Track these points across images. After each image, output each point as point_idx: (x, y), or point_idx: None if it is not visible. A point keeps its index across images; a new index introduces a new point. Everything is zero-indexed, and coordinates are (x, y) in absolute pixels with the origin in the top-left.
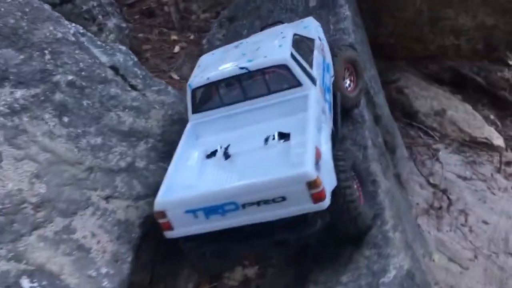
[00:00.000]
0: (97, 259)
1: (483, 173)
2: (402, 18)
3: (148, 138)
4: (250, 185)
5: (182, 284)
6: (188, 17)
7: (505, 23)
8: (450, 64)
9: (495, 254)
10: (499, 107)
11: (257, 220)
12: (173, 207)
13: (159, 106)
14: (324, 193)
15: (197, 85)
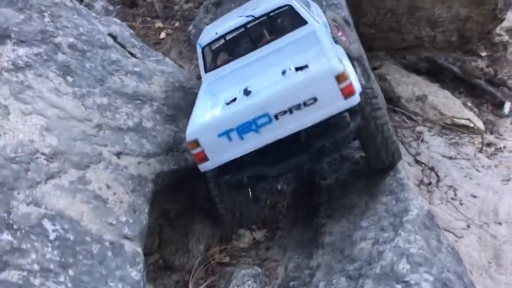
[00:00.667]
0: (115, 209)
1: (466, 153)
2: (382, 7)
3: (153, 101)
4: (280, 91)
5: (193, 246)
6: (172, 7)
7: (478, 15)
8: (427, 54)
9: (486, 224)
10: (475, 94)
11: (293, 129)
12: (206, 133)
13: (160, 73)
14: (353, 87)
15: (207, 42)
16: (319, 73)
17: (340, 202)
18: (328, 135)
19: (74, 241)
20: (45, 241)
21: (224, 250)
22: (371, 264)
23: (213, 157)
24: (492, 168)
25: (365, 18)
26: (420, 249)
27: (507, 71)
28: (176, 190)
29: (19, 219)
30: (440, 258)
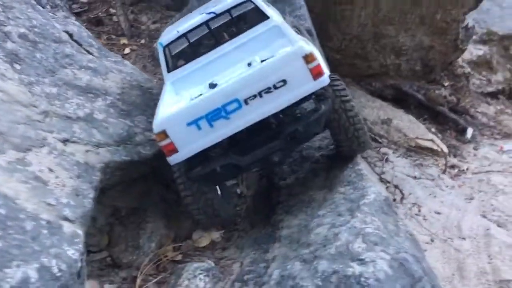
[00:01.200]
0: (55, 191)
1: (430, 173)
2: (348, 32)
3: (107, 96)
4: (248, 75)
5: (143, 243)
6: (138, 26)
7: (441, 44)
8: (392, 82)
9: (450, 239)
10: (439, 121)
11: (264, 113)
12: (174, 122)
13: (117, 72)
14: (322, 68)
15: (168, 41)
16: (287, 54)
17: (299, 198)
18: (300, 118)
19: (5, 216)
20: None
21: (177, 249)
22: (326, 246)
23: (183, 147)
24: (455, 188)
25: (331, 43)
26: (377, 229)
27: (469, 101)
28: (129, 187)
29: None
30: (397, 240)
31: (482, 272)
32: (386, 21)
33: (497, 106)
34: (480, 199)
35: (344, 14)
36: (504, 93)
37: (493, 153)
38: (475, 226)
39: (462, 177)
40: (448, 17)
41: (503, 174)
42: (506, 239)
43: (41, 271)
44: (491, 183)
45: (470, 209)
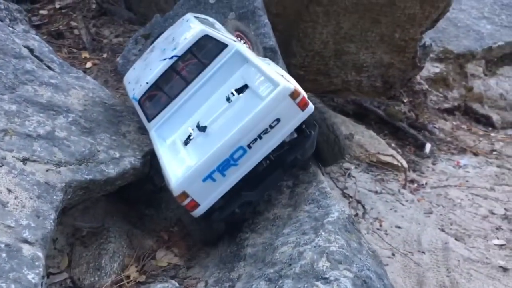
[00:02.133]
0: (15, 212)
1: (391, 188)
2: (310, 49)
3: (68, 113)
4: (247, 123)
5: (106, 264)
6: (100, 40)
7: (400, 62)
8: (354, 98)
9: (410, 253)
10: (398, 137)
11: (266, 152)
12: (191, 182)
13: (79, 88)
14: (306, 98)
15: (140, 94)
16: (275, 96)
17: (264, 216)
18: (297, 147)
19: None
20: None
21: (141, 270)
22: (291, 265)
23: (203, 200)
24: (415, 202)
25: (295, 59)
26: (340, 248)
27: (427, 117)
28: (91, 207)
29: None
30: (360, 258)
31: (441, 285)
32: (347, 39)
33: (453, 122)
34: (438, 213)
35: (307, 32)
36: (460, 109)
37: (450, 168)
38: (434, 240)
39: (421, 192)
40: (406, 35)
41: (459, 188)
42: (463, 253)
43: None
44: (449, 197)
45: (429, 223)
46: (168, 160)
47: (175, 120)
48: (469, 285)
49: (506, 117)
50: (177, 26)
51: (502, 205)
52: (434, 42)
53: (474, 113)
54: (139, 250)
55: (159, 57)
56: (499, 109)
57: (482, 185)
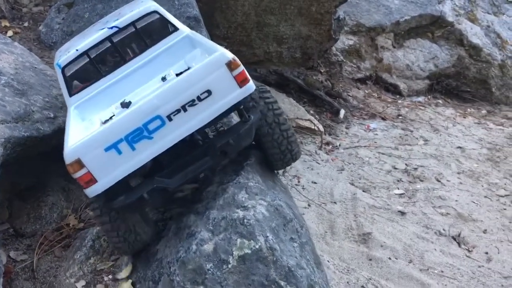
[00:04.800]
0: None
1: (308, 150)
2: (233, 21)
3: (2, 76)
4: (169, 88)
5: (46, 214)
6: (20, 9)
7: (317, 34)
8: (275, 68)
9: (324, 203)
10: (316, 104)
11: (190, 129)
12: (89, 149)
13: (8, 53)
14: (246, 74)
15: (67, 61)
16: (209, 62)
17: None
18: (230, 131)
19: None
20: None
21: (79, 219)
22: (216, 199)
23: (103, 176)
24: (329, 162)
25: (218, 31)
26: (257, 183)
27: (342, 85)
28: (28, 164)
29: None
30: (273, 192)
31: (349, 228)
32: (268, 11)
33: (365, 90)
34: (349, 170)
35: (229, 4)
36: (371, 79)
37: (362, 131)
38: (344, 192)
39: (335, 152)
40: (322, 9)
41: (368, 148)
42: (369, 201)
43: None
44: (359, 156)
45: (341, 179)
46: (72, 131)
47: (100, 100)
48: (372, 227)
49: (411, 86)
50: (131, 5)
51: (403, 161)
52: (348, 16)
53: (384, 82)
54: (75, 203)
55: (98, 28)
56: (406, 78)
57: (387, 145)
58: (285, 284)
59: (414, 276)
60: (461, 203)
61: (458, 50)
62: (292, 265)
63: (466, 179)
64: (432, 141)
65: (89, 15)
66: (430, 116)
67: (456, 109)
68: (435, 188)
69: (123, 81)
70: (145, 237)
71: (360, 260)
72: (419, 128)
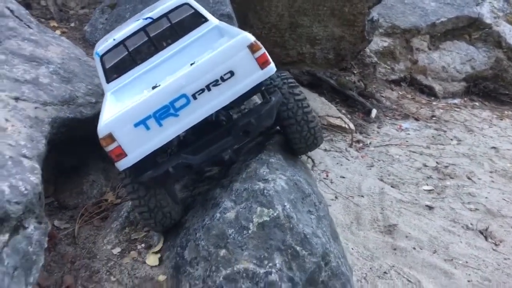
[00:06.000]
0: (14, 136)
1: (339, 147)
2: (267, 22)
3: (49, 64)
4: (194, 69)
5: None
6: (67, 11)
7: (350, 35)
8: (308, 69)
9: (351, 196)
10: (348, 104)
11: (214, 107)
12: (120, 124)
13: (56, 45)
14: (268, 56)
15: (105, 50)
16: (231, 44)
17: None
18: (252, 111)
19: None
20: None
21: (116, 195)
22: (239, 173)
23: (132, 151)
24: (359, 158)
25: (252, 31)
26: (278, 160)
27: (375, 87)
28: (71, 147)
29: None
30: (294, 169)
31: (375, 219)
32: (301, 12)
33: (399, 92)
34: (379, 166)
35: (263, 4)
36: (405, 81)
37: (393, 131)
38: (372, 187)
39: (366, 150)
40: (355, 10)
41: (399, 147)
42: (396, 196)
43: (11, 188)
44: (389, 154)
45: (369, 174)
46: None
47: (134, 86)
48: (398, 219)
49: (447, 88)
50: None
51: (434, 159)
52: (383, 18)
53: (418, 84)
54: (114, 182)
55: (135, 20)
56: (441, 80)
57: (419, 144)
58: (301, 249)
59: (437, 265)
60: (491, 200)
61: (496, 52)
62: (307, 233)
63: (498, 178)
64: (465, 141)
65: (130, 15)
66: (465, 118)
67: (493, 111)
68: (465, 185)
69: (156, 68)
70: (174, 214)
71: (385, 250)
72: (452, 129)
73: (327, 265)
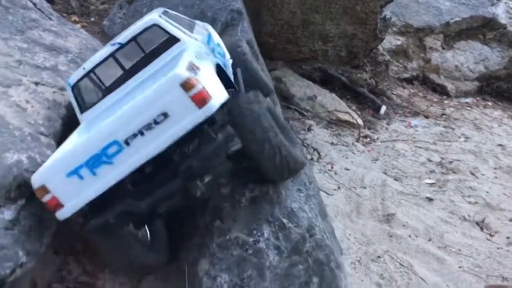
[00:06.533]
0: (33, 115)
1: (346, 141)
2: (279, 18)
3: (68, 53)
4: (123, 113)
5: None
6: (88, 6)
7: (362, 33)
8: (320, 65)
9: (354, 187)
10: (359, 101)
11: (150, 153)
12: (52, 175)
13: (74, 36)
14: (206, 93)
15: (75, 80)
16: (161, 84)
17: None
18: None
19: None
20: None
21: None
22: None
23: (68, 201)
24: (365, 152)
25: (265, 28)
26: None
27: (387, 84)
28: None
29: None
30: None
31: (375, 209)
32: (313, 10)
33: (411, 90)
34: (383, 160)
35: (275, 2)
36: (418, 79)
37: (402, 127)
38: (375, 179)
39: (372, 145)
40: (367, 8)
41: (406, 142)
42: (398, 188)
43: (29, 159)
44: (395, 149)
45: (374, 168)
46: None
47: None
48: (397, 209)
49: (460, 87)
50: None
51: (440, 155)
52: (396, 16)
53: (431, 82)
54: None
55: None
56: (454, 79)
57: (426, 140)
58: (287, 221)
59: (430, 252)
60: (491, 194)
61: (510, 52)
62: (294, 207)
63: (502, 174)
64: (473, 138)
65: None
66: (475, 116)
67: (505, 111)
68: (468, 180)
69: (125, 98)
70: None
71: (381, 236)
72: (461, 127)
73: (312, 237)
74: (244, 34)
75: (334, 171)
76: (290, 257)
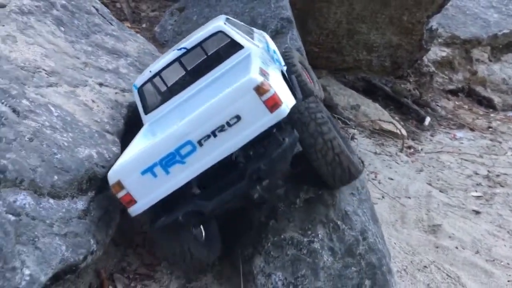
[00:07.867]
0: (98, 114)
1: (389, 151)
2: (325, 28)
3: (127, 57)
4: (198, 115)
5: None
6: (139, 13)
7: (407, 43)
8: (363, 75)
9: (398, 197)
10: (402, 112)
11: (221, 154)
12: (128, 172)
13: (133, 41)
14: (278, 97)
15: (141, 82)
16: (236, 88)
17: None
18: (262, 156)
19: (71, 122)
20: (50, 115)
21: None
22: None
23: (141, 198)
24: (409, 163)
25: (311, 37)
26: None
27: (431, 95)
28: None
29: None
30: None
31: (420, 219)
32: (359, 19)
33: (456, 102)
34: (428, 171)
35: (322, 11)
36: (463, 91)
37: (447, 139)
38: (420, 190)
39: (416, 155)
40: (413, 18)
41: (451, 154)
42: (444, 199)
43: (98, 155)
44: (440, 160)
45: (418, 178)
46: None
47: (169, 118)
48: (443, 220)
49: (507, 100)
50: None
51: (486, 168)
52: (443, 28)
53: (476, 95)
54: None
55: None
56: (501, 92)
57: (472, 153)
58: (341, 223)
59: (478, 264)
60: None
61: None
62: (348, 210)
63: None
64: None
65: (197, 18)
66: None
67: None
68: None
69: (189, 101)
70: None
71: (427, 247)
72: (508, 140)
73: (365, 240)
74: (293, 42)
75: (378, 180)
76: (344, 259)
